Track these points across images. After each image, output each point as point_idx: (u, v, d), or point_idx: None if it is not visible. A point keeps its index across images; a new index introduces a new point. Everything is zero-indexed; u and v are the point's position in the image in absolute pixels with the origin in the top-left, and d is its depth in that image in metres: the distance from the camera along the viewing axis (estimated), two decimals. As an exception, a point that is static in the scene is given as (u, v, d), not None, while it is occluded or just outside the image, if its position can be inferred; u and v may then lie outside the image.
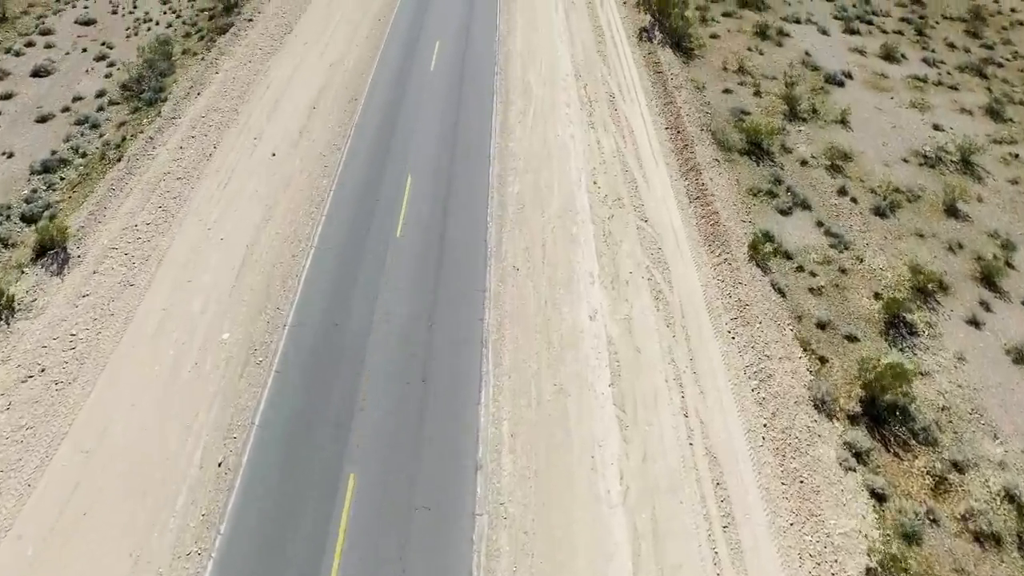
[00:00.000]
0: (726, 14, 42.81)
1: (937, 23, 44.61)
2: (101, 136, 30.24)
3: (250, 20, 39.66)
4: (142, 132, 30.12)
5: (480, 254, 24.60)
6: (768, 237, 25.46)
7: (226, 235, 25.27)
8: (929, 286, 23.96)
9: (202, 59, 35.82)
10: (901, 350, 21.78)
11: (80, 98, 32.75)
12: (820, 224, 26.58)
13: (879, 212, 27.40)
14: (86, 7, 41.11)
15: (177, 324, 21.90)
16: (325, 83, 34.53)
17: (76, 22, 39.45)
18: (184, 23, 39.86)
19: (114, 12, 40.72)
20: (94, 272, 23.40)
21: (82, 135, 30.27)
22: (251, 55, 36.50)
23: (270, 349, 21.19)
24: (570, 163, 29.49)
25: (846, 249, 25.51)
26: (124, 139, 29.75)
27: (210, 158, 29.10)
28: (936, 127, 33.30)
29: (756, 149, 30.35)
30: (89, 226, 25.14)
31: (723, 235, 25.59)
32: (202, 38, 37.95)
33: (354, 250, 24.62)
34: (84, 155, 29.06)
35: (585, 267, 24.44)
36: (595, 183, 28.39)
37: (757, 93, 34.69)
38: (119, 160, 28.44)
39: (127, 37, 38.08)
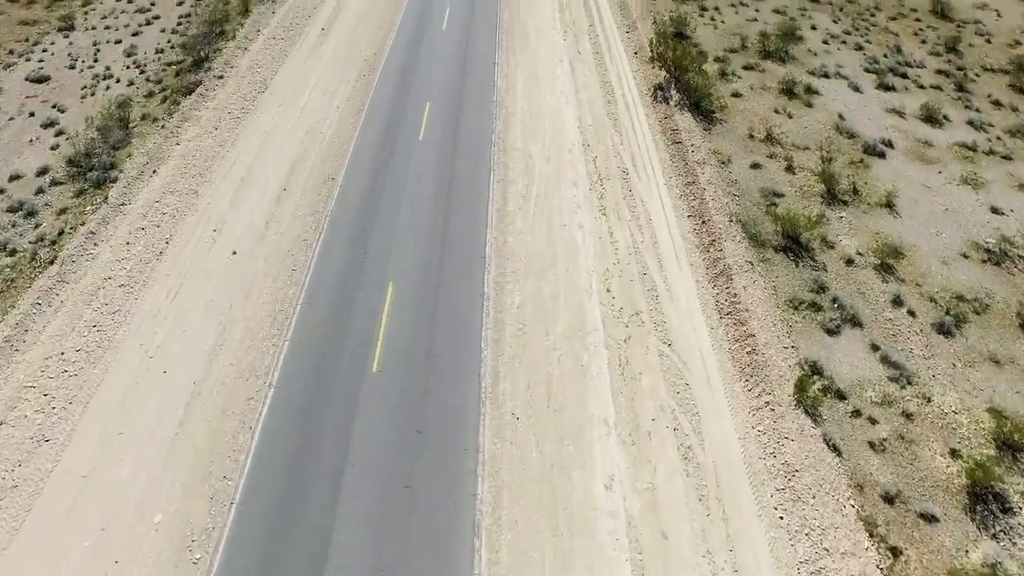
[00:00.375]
0: (748, 67, 38.79)
1: (978, 75, 40.60)
2: (37, 227, 26.15)
3: (221, 77, 35.63)
4: (83, 224, 26.04)
5: (473, 397, 20.41)
6: (816, 370, 21.37)
7: (170, 366, 21.15)
8: (1016, 436, 19.85)
9: (162, 126, 31.76)
10: (994, 536, 17.65)
11: (18, 176, 28.67)
12: (875, 348, 22.46)
13: (943, 329, 23.30)
14: (41, 61, 37.10)
15: (99, 498, 17.76)
16: (299, 156, 30.48)
17: (27, 79, 35.43)
18: (148, 79, 35.82)
19: (72, 67, 36.69)
20: (1, 424, 19.27)
21: (14, 225, 26.19)
22: (218, 120, 32.46)
23: (212, 539, 17.02)
24: (579, 263, 25.39)
25: (909, 383, 21.40)
26: (62, 232, 25.70)
27: (160, 257, 25.02)
28: (994, 210, 29.24)
29: (793, 244, 26.29)
30: (3, 357, 21.03)
31: (762, 366, 21.48)
32: (165, 99, 33.87)
33: (320, 393, 20.43)
34: (13, 253, 24.97)
35: (598, 411, 20.30)
36: (608, 291, 24.29)
37: (789, 168, 30.64)
38: (52, 262, 24.37)
39: (82, 98, 34.04)
